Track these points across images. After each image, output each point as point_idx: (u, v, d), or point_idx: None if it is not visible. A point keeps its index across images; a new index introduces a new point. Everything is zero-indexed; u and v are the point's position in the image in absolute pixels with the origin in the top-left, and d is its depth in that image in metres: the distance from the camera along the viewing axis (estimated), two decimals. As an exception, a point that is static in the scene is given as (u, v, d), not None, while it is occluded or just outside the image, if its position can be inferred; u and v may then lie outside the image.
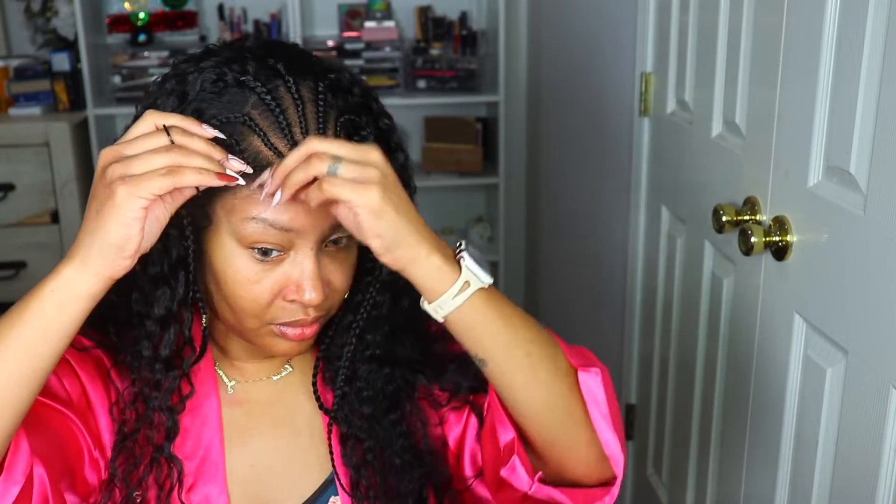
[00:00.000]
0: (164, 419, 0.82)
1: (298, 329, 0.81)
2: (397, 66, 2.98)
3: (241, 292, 0.78)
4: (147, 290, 0.79)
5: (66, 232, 2.72)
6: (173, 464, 0.83)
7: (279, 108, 0.74)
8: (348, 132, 0.77)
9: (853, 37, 1.05)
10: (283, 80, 0.76)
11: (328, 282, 0.80)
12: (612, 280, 2.22)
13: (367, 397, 0.89)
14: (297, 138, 0.74)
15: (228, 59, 0.77)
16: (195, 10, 2.94)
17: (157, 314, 0.80)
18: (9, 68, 2.85)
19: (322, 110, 0.76)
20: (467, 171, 3.06)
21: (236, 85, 0.75)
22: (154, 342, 0.80)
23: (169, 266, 0.78)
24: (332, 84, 0.78)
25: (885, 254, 1.00)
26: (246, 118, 0.74)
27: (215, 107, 0.75)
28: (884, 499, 1.04)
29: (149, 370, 0.81)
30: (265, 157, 0.74)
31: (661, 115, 1.79)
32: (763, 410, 1.35)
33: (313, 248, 0.77)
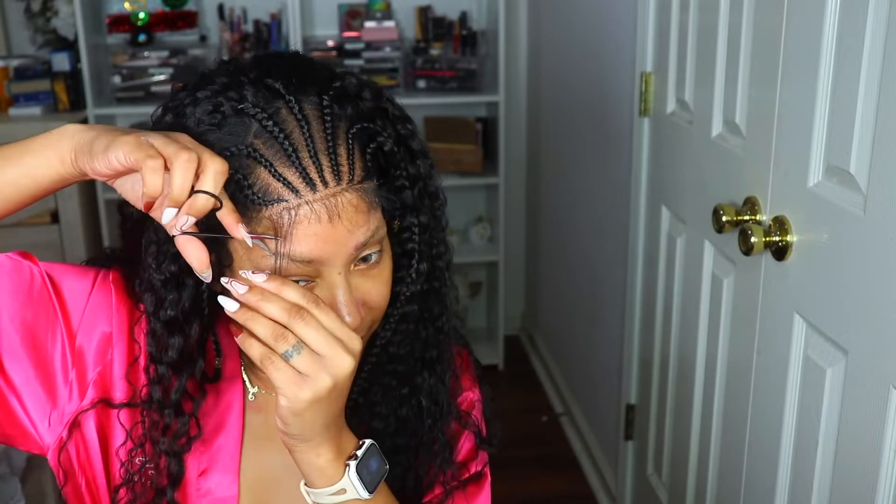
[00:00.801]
0: (170, 463, 0.81)
1: None
2: (397, 66, 2.98)
3: None
4: (160, 334, 0.78)
5: (66, 232, 2.72)
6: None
7: (283, 134, 0.70)
8: (363, 142, 0.74)
9: (853, 37, 1.05)
10: (285, 101, 0.72)
11: (364, 301, 0.76)
12: (612, 280, 2.22)
13: (378, 413, 0.87)
14: (305, 163, 0.70)
15: (224, 85, 0.73)
16: (195, 10, 2.94)
17: (169, 359, 0.78)
18: (9, 68, 2.85)
19: (330, 126, 0.72)
20: (467, 171, 3.06)
21: (235, 114, 0.71)
22: (166, 386, 0.79)
23: (183, 310, 0.76)
24: (337, 94, 0.74)
25: (885, 254, 1.00)
26: (250, 150, 0.70)
27: (216, 141, 0.71)
28: (884, 499, 1.04)
29: (158, 413, 0.80)
30: (275, 190, 0.70)
31: (661, 115, 1.79)
32: (763, 410, 1.35)
33: (342, 273, 0.74)
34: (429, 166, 0.82)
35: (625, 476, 2.17)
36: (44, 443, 0.81)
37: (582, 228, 2.54)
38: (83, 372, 0.81)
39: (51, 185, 0.72)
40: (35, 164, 0.71)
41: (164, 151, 0.65)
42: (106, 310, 0.82)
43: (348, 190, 0.72)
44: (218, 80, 0.74)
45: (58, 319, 0.79)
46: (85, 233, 2.75)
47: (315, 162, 0.71)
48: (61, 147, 0.70)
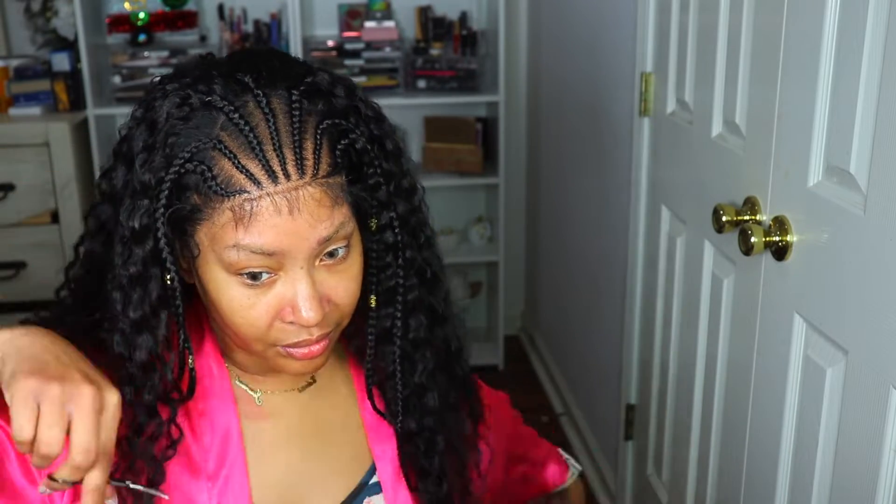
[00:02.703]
0: (147, 468, 0.79)
1: (305, 349, 0.78)
2: (397, 66, 2.98)
3: (237, 319, 0.76)
4: (128, 334, 0.76)
5: (66, 232, 2.72)
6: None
7: (248, 127, 0.71)
8: (332, 138, 0.74)
9: (853, 37, 1.05)
10: (253, 94, 0.72)
11: (327, 298, 0.76)
12: (612, 280, 2.22)
13: (431, 396, 0.90)
14: (268, 156, 0.71)
15: (196, 78, 0.74)
16: (195, 10, 2.94)
17: (139, 359, 0.77)
18: (9, 68, 2.85)
19: (297, 120, 0.72)
20: (467, 171, 3.06)
21: (203, 107, 0.72)
22: (137, 387, 0.78)
23: (150, 309, 0.76)
24: (308, 90, 0.74)
25: (885, 254, 1.00)
26: (215, 141, 0.71)
27: (184, 134, 0.72)
28: (884, 499, 1.04)
29: (131, 415, 0.78)
30: (237, 182, 0.70)
31: (661, 115, 1.79)
32: (763, 410, 1.35)
33: (304, 267, 0.74)
34: (403, 164, 0.82)
35: (625, 476, 2.17)
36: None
37: (582, 228, 2.54)
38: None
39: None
40: None
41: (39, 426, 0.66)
42: None
43: (311, 184, 0.72)
44: (190, 74, 0.75)
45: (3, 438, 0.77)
46: (85, 233, 2.75)
47: (279, 154, 0.71)
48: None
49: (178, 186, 0.72)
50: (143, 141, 0.74)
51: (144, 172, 0.73)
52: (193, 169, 0.71)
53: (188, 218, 0.73)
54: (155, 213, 0.73)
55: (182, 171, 0.71)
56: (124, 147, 0.77)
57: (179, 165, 0.71)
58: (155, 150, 0.73)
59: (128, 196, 0.74)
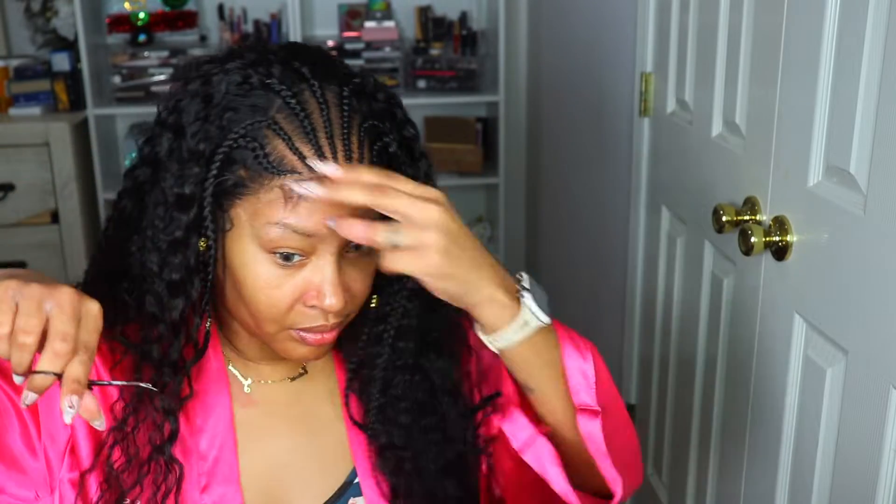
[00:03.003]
0: (166, 421, 0.81)
1: (318, 335, 0.80)
2: (397, 66, 2.99)
3: (261, 297, 0.77)
4: (163, 296, 0.78)
5: (66, 232, 2.72)
6: (173, 466, 0.82)
7: (304, 113, 0.74)
8: (372, 137, 0.77)
9: (853, 37, 1.05)
10: (309, 84, 0.76)
11: (348, 288, 0.79)
12: (612, 280, 2.22)
13: (403, 408, 0.88)
14: (321, 143, 0.74)
15: (253, 61, 0.77)
16: (195, 10, 2.94)
17: (171, 319, 0.79)
18: (9, 68, 2.85)
19: (347, 115, 0.76)
20: (467, 171, 3.06)
21: (261, 87, 0.75)
22: (164, 345, 0.79)
23: (187, 273, 0.77)
24: (356, 89, 0.78)
25: (885, 254, 1.00)
26: (271, 122, 0.74)
27: (242, 110, 0.75)
28: (884, 499, 1.04)
29: (155, 372, 0.80)
30: (289, 162, 0.74)
31: (661, 115, 1.79)
32: (763, 410, 1.35)
33: (335, 254, 0.76)
34: (427, 167, 0.85)
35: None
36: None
37: (582, 228, 2.54)
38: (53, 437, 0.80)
39: None
40: None
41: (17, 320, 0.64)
42: None
43: None
44: (247, 56, 0.78)
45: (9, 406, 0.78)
46: (85, 233, 2.75)
47: (331, 143, 0.74)
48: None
49: (228, 160, 0.75)
50: (196, 112, 0.76)
51: (198, 142, 0.75)
52: (246, 145, 0.74)
53: (229, 192, 0.75)
54: (204, 183, 0.75)
55: (235, 146, 0.74)
56: (172, 117, 0.78)
57: (233, 139, 0.74)
58: (210, 121, 0.75)
59: (175, 162, 0.76)
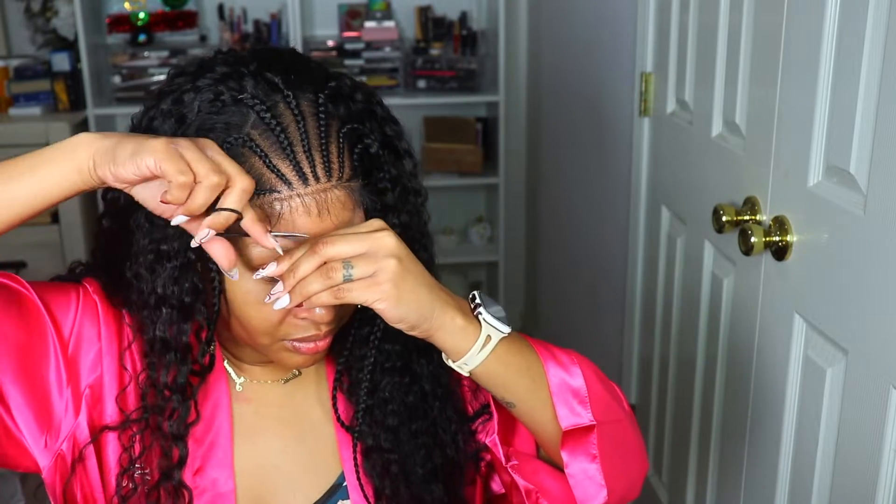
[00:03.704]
0: (174, 447, 0.81)
1: (311, 343, 0.80)
2: (397, 66, 2.98)
3: (251, 313, 0.77)
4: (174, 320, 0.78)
5: (66, 232, 2.72)
6: (182, 492, 0.81)
7: (280, 127, 0.73)
8: (352, 142, 0.76)
9: (853, 37, 1.05)
10: (283, 96, 0.74)
11: None
12: (612, 280, 2.22)
13: (391, 410, 0.88)
14: (299, 157, 0.73)
15: (225, 75, 0.76)
16: (195, 10, 2.94)
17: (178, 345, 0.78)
18: (9, 68, 2.85)
19: (324, 123, 0.74)
20: (467, 171, 3.06)
21: (234, 104, 0.74)
22: (171, 371, 0.79)
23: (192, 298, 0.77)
24: (332, 93, 0.76)
25: (885, 254, 1.00)
26: (246, 139, 0.73)
27: (215, 129, 0.73)
28: (884, 499, 1.04)
29: (161, 398, 0.80)
30: (268, 181, 0.72)
31: (661, 115, 1.79)
32: (763, 410, 1.35)
33: None
34: (412, 165, 0.83)
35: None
36: (40, 462, 0.81)
37: (582, 228, 2.54)
38: (77, 387, 0.81)
39: (63, 196, 0.71)
40: (50, 175, 0.69)
41: (196, 168, 0.66)
42: (94, 322, 0.82)
43: (337, 187, 0.74)
44: (218, 69, 0.76)
45: (50, 337, 0.79)
46: (85, 233, 2.75)
47: (308, 157, 0.73)
48: (78, 156, 0.69)
49: None
50: (170, 131, 0.75)
51: None
52: None
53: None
54: None
55: None
56: None
57: None
58: None
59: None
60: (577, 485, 0.84)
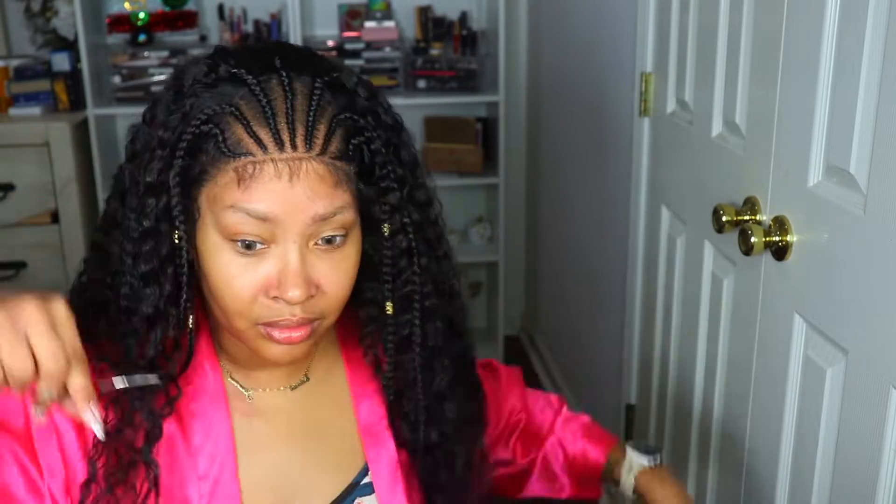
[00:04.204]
0: (145, 422, 0.79)
1: (286, 332, 0.78)
2: (397, 66, 2.98)
3: (224, 288, 0.76)
4: (136, 287, 0.78)
5: (66, 232, 2.72)
6: (150, 467, 0.80)
7: (266, 99, 0.73)
8: (348, 130, 0.76)
9: (853, 37, 1.05)
10: (278, 74, 0.75)
11: (316, 283, 0.76)
12: (612, 280, 2.22)
13: (449, 408, 0.90)
14: (279, 126, 0.73)
15: (227, 54, 0.78)
16: (195, 10, 2.94)
17: (144, 312, 0.78)
18: (9, 68, 2.85)
19: (315, 104, 0.74)
20: (467, 171, 3.06)
21: (228, 77, 0.75)
22: (139, 340, 0.78)
23: (159, 262, 0.77)
24: (331, 82, 0.76)
25: (885, 254, 1.00)
26: (233, 108, 0.74)
27: (206, 98, 0.75)
28: (884, 499, 1.04)
29: (132, 369, 0.78)
30: (245, 145, 0.73)
31: (661, 115, 1.79)
32: (763, 410, 1.35)
33: (297, 242, 0.74)
34: (419, 176, 0.83)
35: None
36: None
37: (582, 228, 2.54)
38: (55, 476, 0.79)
39: None
40: None
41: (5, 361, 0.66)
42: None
43: (315, 159, 0.74)
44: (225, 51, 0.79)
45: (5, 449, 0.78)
46: (85, 233, 2.75)
47: (290, 126, 0.73)
48: None
49: (193, 147, 0.74)
50: (167, 102, 0.77)
51: (164, 130, 0.75)
52: (208, 131, 0.73)
53: (195, 180, 0.75)
54: (169, 169, 0.75)
55: (197, 132, 0.74)
56: (149, 111, 0.79)
57: (195, 126, 0.74)
58: (176, 110, 0.75)
59: (147, 151, 0.77)
60: None
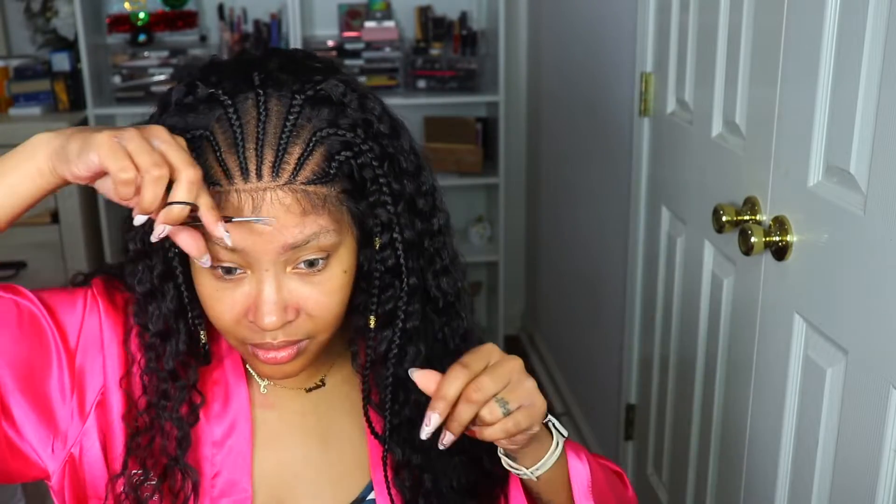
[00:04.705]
0: (175, 430, 0.81)
1: (271, 353, 0.77)
2: (397, 66, 2.98)
3: (208, 309, 0.77)
4: (142, 305, 0.80)
5: (66, 232, 2.72)
6: (188, 474, 0.82)
7: (239, 123, 0.72)
8: (331, 147, 0.73)
9: (853, 37, 1.05)
10: (255, 93, 0.73)
11: (296, 307, 0.75)
12: (612, 280, 2.22)
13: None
14: (247, 154, 0.71)
15: (211, 70, 0.76)
16: (195, 10, 2.94)
17: (154, 328, 0.80)
18: (9, 68, 2.85)
19: (291, 124, 0.72)
20: (467, 171, 3.06)
21: (206, 98, 0.74)
22: (158, 354, 0.80)
23: (158, 281, 0.78)
24: (314, 96, 0.74)
25: (885, 254, 1.00)
26: (207, 133, 0.72)
27: (186, 120, 0.73)
28: (884, 499, 1.04)
29: (156, 380, 0.81)
30: (214, 174, 0.71)
31: (661, 115, 1.79)
32: (763, 410, 1.35)
33: (270, 270, 0.73)
34: (422, 184, 0.81)
35: (625, 476, 2.17)
36: (48, 469, 0.81)
37: (582, 228, 2.54)
38: (83, 396, 0.81)
39: (34, 198, 0.72)
40: (14, 181, 0.71)
41: (138, 161, 0.65)
42: (97, 326, 0.82)
43: (282, 188, 0.71)
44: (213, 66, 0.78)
45: (52, 347, 0.80)
46: (85, 233, 2.75)
47: (258, 154, 0.71)
48: (37, 158, 0.70)
49: None
50: (155, 117, 0.77)
51: None
52: None
53: None
54: None
55: None
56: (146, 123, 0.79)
57: None
58: None
59: None
60: None
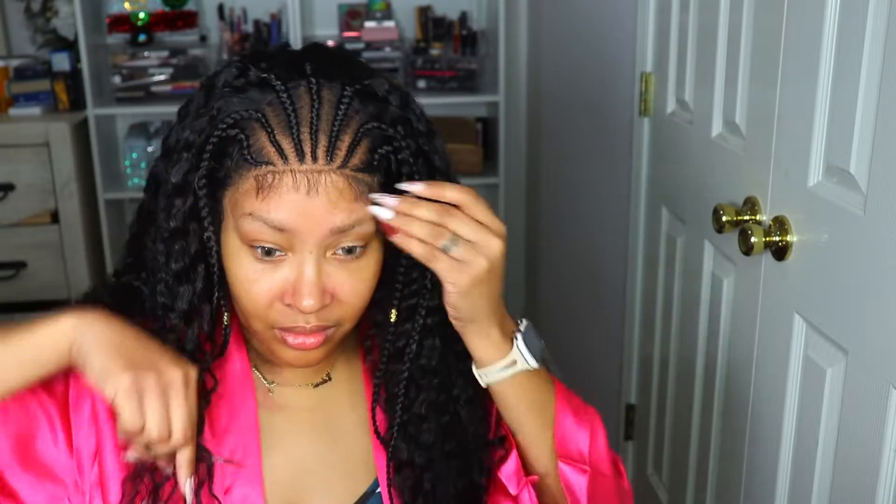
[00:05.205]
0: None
1: (299, 338, 0.79)
2: (397, 66, 2.98)
3: (241, 291, 0.77)
4: (171, 285, 0.79)
5: (66, 232, 2.72)
6: (203, 456, 0.81)
7: (293, 107, 0.74)
8: (374, 140, 0.75)
9: (853, 37, 1.05)
10: (307, 81, 0.75)
11: (332, 292, 0.77)
12: (612, 280, 2.22)
13: (427, 428, 0.87)
14: (302, 136, 0.73)
15: (259, 57, 0.78)
16: (195, 10, 2.94)
17: (180, 308, 0.79)
18: (9, 68, 2.85)
19: (343, 113, 0.74)
20: (467, 171, 3.05)
21: (258, 82, 0.75)
22: (178, 335, 0.80)
23: (190, 261, 0.78)
24: (362, 90, 0.76)
25: (885, 254, 1.00)
26: (259, 114, 0.74)
27: (234, 102, 0.75)
28: (884, 499, 1.04)
29: None
30: (267, 154, 0.73)
31: (661, 115, 1.79)
32: (763, 410, 1.35)
33: (313, 252, 0.75)
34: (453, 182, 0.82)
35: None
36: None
37: (582, 228, 2.54)
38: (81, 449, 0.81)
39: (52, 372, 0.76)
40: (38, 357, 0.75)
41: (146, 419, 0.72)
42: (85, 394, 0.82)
43: (336, 171, 0.74)
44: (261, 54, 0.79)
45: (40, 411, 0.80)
46: (85, 233, 2.75)
47: (313, 137, 0.73)
48: (60, 346, 0.75)
49: (219, 150, 0.75)
50: (198, 103, 0.78)
51: (191, 132, 0.76)
52: (234, 136, 0.74)
53: (220, 182, 0.76)
54: (195, 171, 0.76)
55: (223, 136, 0.74)
56: (183, 109, 0.81)
57: (222, 130, 0.74)
58: (204, 113, 0.76)
59: (176, 152, 0.78)
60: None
